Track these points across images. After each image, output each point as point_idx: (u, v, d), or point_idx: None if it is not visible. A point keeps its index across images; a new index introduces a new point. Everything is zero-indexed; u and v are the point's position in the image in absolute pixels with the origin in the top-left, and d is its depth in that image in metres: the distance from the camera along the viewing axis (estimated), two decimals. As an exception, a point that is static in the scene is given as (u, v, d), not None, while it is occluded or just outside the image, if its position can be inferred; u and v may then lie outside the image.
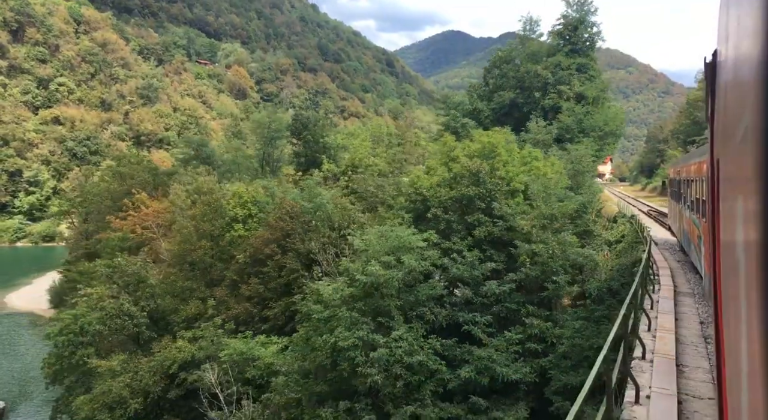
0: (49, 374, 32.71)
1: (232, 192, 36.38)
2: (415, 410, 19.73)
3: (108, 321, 31.06)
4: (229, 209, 33.94)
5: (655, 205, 45.90)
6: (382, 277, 19.58)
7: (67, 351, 31.39)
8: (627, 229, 25.58)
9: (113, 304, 31.12)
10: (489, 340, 20.44)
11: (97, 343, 31.74)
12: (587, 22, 38.87)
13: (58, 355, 31.63)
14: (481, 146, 24.88)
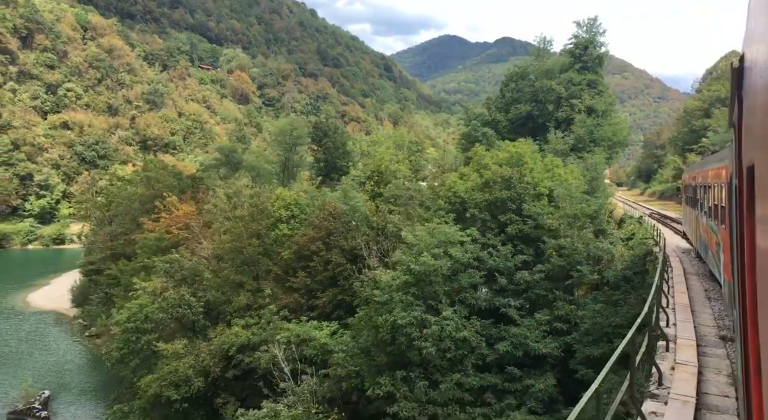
0: (116, 357, 36.11)
1: (275, 195, 39.99)
2: (459, 378, 23.37)
3: (170, 310, 34.55)
4: (273, 210, 37.48)
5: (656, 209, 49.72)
6: (433, 267, 23.20)
7: (134, 336, 34.85)
8: (636, 228, 29.38)
9: (174, 295, 34.60)
10: (521, 320, 24.10)
11: (159, 330, 35.17)
12: (596, 42, 42.88)
13: (126, 339, 35.02)
14: (508, 155, 28.62)
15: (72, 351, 69.14)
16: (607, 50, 44.06)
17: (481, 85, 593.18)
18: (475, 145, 37.40)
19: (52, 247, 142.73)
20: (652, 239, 26.52)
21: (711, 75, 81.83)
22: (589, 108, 39.56)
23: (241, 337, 32.64)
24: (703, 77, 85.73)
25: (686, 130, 67.42)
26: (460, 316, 23.53)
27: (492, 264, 25.25)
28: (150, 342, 34.74)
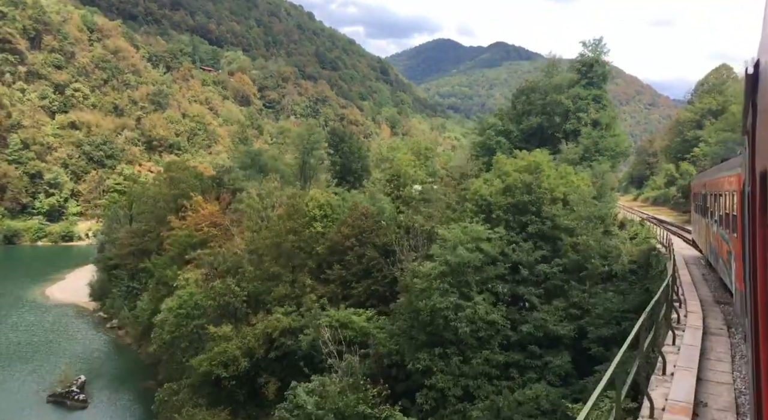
0: (166, 340, 39.89)
1: (309, 196, 43.91)
2: (488, 355, 27.43)
3: (217, 298, 38.40)
4: (308, 210, 41.38)
5: (651, 213, 54.02)
6: (466, 259, 27.17)
7: (185, 321, 38.68)
8: (639, 229, 33.65)
9: (221, 285, 38.47)
10: (541, 306, 28.15)
11: (207, 316, 38.99)
12: (600, 61, 47.29)
13: (177, 323, 38.83)
14: (527, 163, 32.72)
15: (96, 341, 72.88)
16: (609, 68, 48.69)
17: (475, 90, 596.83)
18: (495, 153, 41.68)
19: (61, 244, 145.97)
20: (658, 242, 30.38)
21: (702, 86, 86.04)
22: (594, 121, 43.77)
23: (283, 322, 36.54)
24: (694, 89, 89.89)
25: (679, 139, 71.70)
26: (488, 302, 27.58)
27: (515, 258, 29.30)
28: (199, 326, 38.59)
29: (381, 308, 33.96)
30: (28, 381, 59.13)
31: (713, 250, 18.35)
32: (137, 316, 70.58)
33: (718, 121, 57.30)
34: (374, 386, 28.00)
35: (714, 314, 15.04)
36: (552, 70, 47.99)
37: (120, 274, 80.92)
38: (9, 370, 61.31)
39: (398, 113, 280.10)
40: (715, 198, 17.12)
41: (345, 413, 27.01)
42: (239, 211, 53.27)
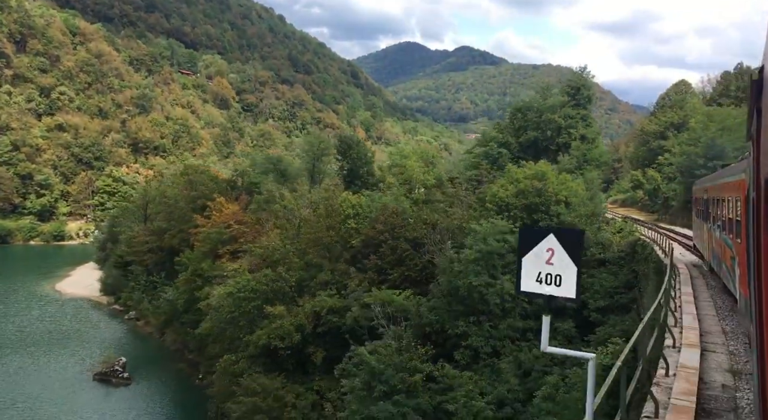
0: (225, 319, 46.96)
1: (342, 197, 51.43)
2: (511, 323, 35.47)
3: (270, 283, 45.69)
4: (343, 209, 48.88)
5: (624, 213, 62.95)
6: (495, 248, 35.10)
7: (243, 303, 45.85)
8: (622, 224, 42.17)
9: (273, 273, 45.80)
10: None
11: (260, 299, 46.21)
12: (586, 85, 56.01)
13: (237, 305, 45.96)
14: (534, 172, 40.81)
15: (119, 330, 79.25)
16: (594, 91, 57.56)
17: (442, 93, 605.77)
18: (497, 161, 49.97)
19: (53, 243, 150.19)
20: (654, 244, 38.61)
21: (664, 100, 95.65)
22: (582, 136, 52.19)
23: (329, 303, 44.04)
24: (656, 102, 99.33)
25: (644, 148, 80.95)
26: (510, 281, 35.57)
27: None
28: (255, 307, 45.85)
29: (414, 290, 41.63)
30: (70, 363, 65.62)
31: (716, 255, 18.41)
32: (158, 307, 77.22)
33: (681, 134, 66.42)
34: (421, 347, 35.77)
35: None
36: (546, 92, 56.40)
37: (136, 269, 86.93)
38: (50, 354, 67.58)
39: (372, 117, 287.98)
40: (717, 203, 17.09)
41: (400, 367, 34.70)
42: (269, 210, 60.37)
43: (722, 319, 16.31)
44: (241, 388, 43.48)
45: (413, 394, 34.28)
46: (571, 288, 6.59)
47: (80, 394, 56.70)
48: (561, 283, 6.42)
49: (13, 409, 52.03)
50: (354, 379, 35.42)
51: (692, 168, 52.22)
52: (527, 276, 6.62)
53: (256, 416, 42.14)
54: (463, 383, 33.68)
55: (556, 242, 6.42)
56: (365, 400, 34.39)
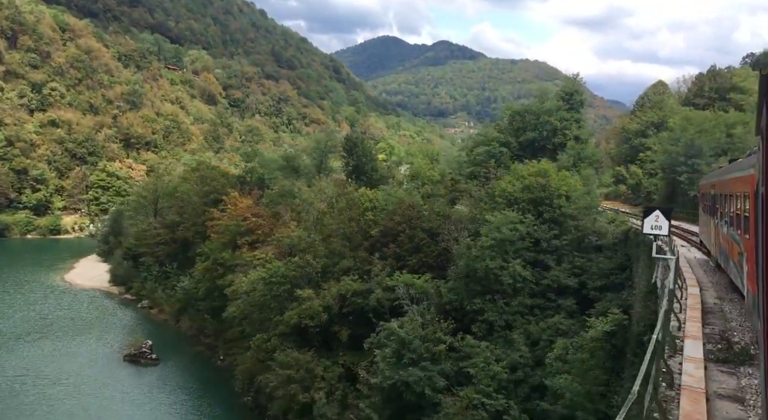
0: (259, 301, 51.96)
1: (360, 192, 56.67)
2: (521, 300, 41.10)
3: (298, 269, 50.87)
4: (362, 203, 54.08)
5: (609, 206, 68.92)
6: (507, 236, 40.64)
7: (275, 287, 50.92)
8: (614, 215, 48.07)
9: (301, 259, 50.97)
10: (555, 268, 42.00)
11: (291, 283, 51.31)
12: (579, 91, 61.99)
13: (269, 289, 51.00)
14: (537, 169, 46.40)
15: (134, 318, 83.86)
16: (585, 97, 63.54)
17: (421, 88, 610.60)
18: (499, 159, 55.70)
19: (49, 236, 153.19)
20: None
21: (643, 99, 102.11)
22: (576, 136, 58.05)
23: (353, 286, 49.34)
24: (636, 102, 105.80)
25: (627, 145, 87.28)
26: (520, 265, 41.20)
27: (536, 235, 42.93)
28: (286, 291, 50.98)
29: (432, 274, 47.06)
30: (98, 346, 70.46)
31: (723, 251, 18.39)
32: (172, 296, 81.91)
33: (661, 133, 72.69)
34: (443, 322, 41.28)
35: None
36: (543, 97, 62.17)
37: (147, 261, 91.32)
38: (77, 339, 72.24)
39: (357, 112, 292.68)
40: (725, 199, 17.07)
41: (426, 338, 40.19)
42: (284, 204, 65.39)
43: (706, 272, 22.37)
44: (276, 362, 48.68)
45: (437, 361, 39.86)
46: (665, 231, 14.30)
47: (115, 373, 61.62)
48: (660, 230, 12.41)
49: (59, 385, 56.95)
50: (385, 349, 40.82)
51: (674, 165, 58.62)
52: (647, 227, 13.08)
53: (291, 385, 47.48)
54: (480, 352, 39.26)
55: (659, 213, 12.91)
56: (395, 367, 39.81)
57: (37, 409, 52.03)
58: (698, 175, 54.50)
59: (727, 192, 16.38)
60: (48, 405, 53.09)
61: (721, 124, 60.45)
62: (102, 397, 55.84)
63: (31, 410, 51.55)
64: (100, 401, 54.91)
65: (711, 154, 57.01)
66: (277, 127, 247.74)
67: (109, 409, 53.40)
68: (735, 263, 15.18)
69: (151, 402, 55.73)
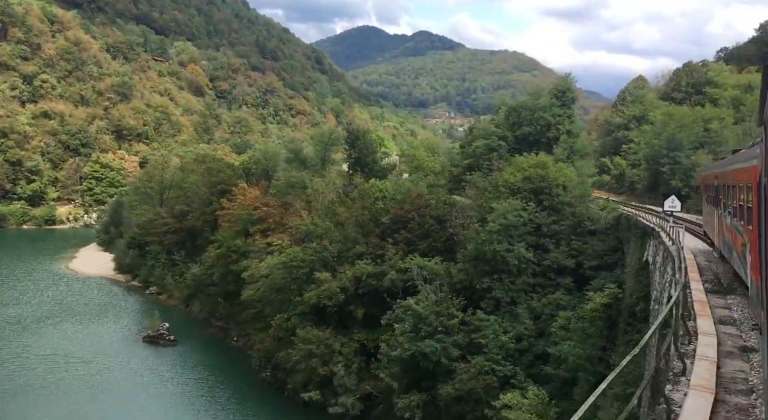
0: (279, 284, 56.35)
1: (370, 183, 61.21)
2: (525, 279, 46.09)
3: (315, 254, 55.35)
4: (373, 193, 58.61)
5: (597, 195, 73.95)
6: (512, 221, 45.50)
7: (295, 270, 55.33)
8: (605, 203, 53.23)
9: (318, 245, 55.45)
10: (554, 250, 47.00)
11: (309, 266, 55.75)
12: (570, 88, 67.01)
13: (289, 272, 55.41)
14: (536, 162, 51.24)
15: (145, 303, 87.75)
16: (576, 94, 68.84)
17: (402, 78, 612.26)
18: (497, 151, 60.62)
19: (44, 227, 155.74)
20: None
21: (624, 94, 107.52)
22: (568, 131, 62.96)
23: (368, 269, 53.94)
24: (618, 96, 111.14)
25: (610, 138, 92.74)
26: (524, 247, 46.11)
27: (537, 221, 47.86)
28: (305, 273, 55.45)
29: (441, 257, 51.80)
30: (116, 329, 74.66)
31: (726, 242, 18.55)
32: (181, 282, 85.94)
33: (643, 126, 78.13)
34: (455, 299, 46.11)
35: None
36: (537, 95, 67.12)
37: (154, 249, 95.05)
38: (94, 322, 76.27)
39: (342, 104, 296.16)
40: (728, 190, 17.21)
41: (440, 313, 44.97)
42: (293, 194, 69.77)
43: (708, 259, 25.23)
44: (298, 338, 53.21)
45: (450, 333, 44.71)
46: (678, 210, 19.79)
47: (138, 352, 65.97)
48: (674, 209, 17.37)
49: (88, 363, 61.11)
50: (404, 324, 45.55)
51: (656, 157, 63.97)
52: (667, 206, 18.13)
53: (312, 359, 52.12)
54: (489, 325, 44.19)
55: (675, 197, 17.99)
56: (413, 340, 44.55)
57: (73, 384, 56.23)
58: (679, 166, 59.92)
59: (730, 183, 16.57)
60: (82, 381, 57.30)
61: (699, 119, 65.95)
62: (130, 373, 60.25)
63: (68, 385, 55.76)
64: (130, 376, 59.33)
65: (690, 148, 62.43)
66: (264, 119, 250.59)
67: (139, 383, 57.80)
68: (738, 254, 15.19)
69: (176, 377, 60.17)
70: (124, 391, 55.38)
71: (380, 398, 50.44)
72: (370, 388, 51.60)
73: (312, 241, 57.63)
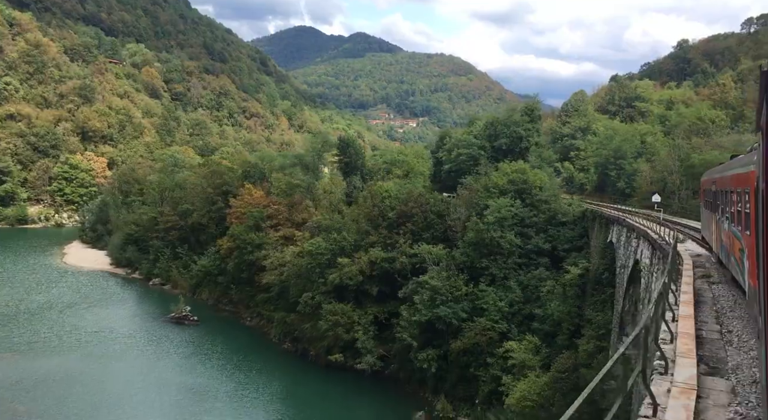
0: (307, 268, 67.98)
1: (377, 185, 73.60)
2: (515, 260, 59.75)
3: (336, 243, 67.39)
4: (380, 192, 71.04)
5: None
6: (504, 215, 58.93)
7: (318, 256, 67.09)
8: (571, 200, 67.52)
9: (338, 236, 67.50)
10: (535, 236, 60.78)
11: (330, 253, 67.62)
12: (538, 107, 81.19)
13: (314, 259, 67.14)
14: (516, 168, 64.85)
15: (153, 292, 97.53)
16: (541, 111, 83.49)
17: (341, 80, 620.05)
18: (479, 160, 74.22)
19: (17, 226, 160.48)
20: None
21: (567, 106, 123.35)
22: (536, 142, 76.95)
23: (381, 255, 66.35)
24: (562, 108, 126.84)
25: (559, 145, 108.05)
26: (513, 235, 59.63)
27: (521, 215, 61.55)
28: (327, 259, 67.33)
29: (443, 245, 64.71)
30: (140, 312, 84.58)
31: (724, 247, 18.32)
32: (183, 273, 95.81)
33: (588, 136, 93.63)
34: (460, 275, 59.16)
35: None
36: (512, 111, 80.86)
37: (155, 244, 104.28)
38: (115, 308, 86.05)
39: (293, 106, 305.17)
40: (726, 195, 16.97)
41: (450, 286, 57.96)
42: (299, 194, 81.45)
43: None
44: (324, 311, 65.17)
45: (458, 301, 57.77)
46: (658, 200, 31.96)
47: (169, 329, 76.73)
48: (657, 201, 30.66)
49: (128, 338, 71.66)
50: (422, 295, 58.30)
51: (604, 164, 79.24)
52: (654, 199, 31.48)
53: (337, 328, 64.16)
54: (488, 294, 57.53)
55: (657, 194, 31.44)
56: (430, 307, 57.40)
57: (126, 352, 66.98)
58: (623, 171, 75.02)
59: (728, 188, 16.48)
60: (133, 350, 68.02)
61: (637, 134, 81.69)
62: (171, 344, 71.30)
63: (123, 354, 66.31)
64: (171, 347, 70.38)
65: (631, 156, 77.75)
66: (220, 121, 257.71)
67: (179, 353, 68.74)
68: (736, 259, 15.11)
69: (208, 349, 71.35)
70: (168, 358, 66.55)
71: (393, 358, 63.15)
72: (383, 351, 64.26)
73: (330, 233, 69.58)
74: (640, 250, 38.67)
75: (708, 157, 55.41)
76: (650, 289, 33.58)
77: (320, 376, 64.92)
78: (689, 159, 60.68)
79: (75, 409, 51.10)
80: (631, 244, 42.06)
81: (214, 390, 58.78)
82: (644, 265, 36.39)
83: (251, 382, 62.05)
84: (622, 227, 45.81)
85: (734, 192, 14.83)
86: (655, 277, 32.23)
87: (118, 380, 59.62)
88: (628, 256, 42.93)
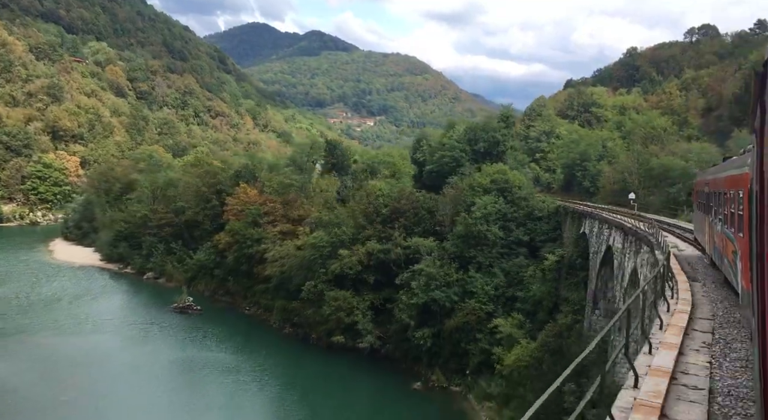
0: (309, 259, 75.34)
1: (371, 184, 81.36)
2: (499, 249, 68.56)
3: (336, 236, 74.99)
4: (374, 191, 78.82)
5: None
6: (490, 210, 67.55)
7: (320, 249, 74.51)
8: (545, 198, 76.78)
9: (339, 230, 75.11)
10: (515, 230, 69.61)
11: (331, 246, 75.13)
12: (512, 115, 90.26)
13: (317, 251, 74.56)
14: (498, 169, 73.59)
15: (149, 286, 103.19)
16: (515, 118, 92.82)
17: (298, 78, 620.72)
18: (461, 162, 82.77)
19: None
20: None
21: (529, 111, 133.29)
22: (512, 146, 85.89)
23: (377, 247, 74.24)
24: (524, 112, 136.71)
25: (526, 147, 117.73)
26: (497, 228, 68.36)
27: (503, 211, 70.33)
28: (328, 251, 74.79)
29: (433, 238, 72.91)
30: (143, 303, 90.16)
31: (717, 249, 18.30)
32: (178, 267, 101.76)
33: (554, 139, 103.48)
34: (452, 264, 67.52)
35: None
36: (490, 119, 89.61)
37: (147, 240, 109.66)
38: (122, 299, 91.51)
39: (257, 105, 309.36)
40: (719, 197, 17.07)
41: (443, 273, 66.29)
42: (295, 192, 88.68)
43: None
44: (328, 297, 72.71)
45: (451, 286, 66.17)
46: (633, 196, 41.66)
47: (175, 318, 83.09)
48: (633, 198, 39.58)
49: (139, 325, 77.81)
50: (418, 280, 66.46)
51: (571, 166, 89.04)
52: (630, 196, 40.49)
53: (339, 312, 71.85)
54: (476, 280, 66.12)
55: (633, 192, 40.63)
56: (426, 291, 65.67)
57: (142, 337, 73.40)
58: (588, 172, 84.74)
59: (722, 190, 16.41)
60: (148, 335, 74.44)
61: (599, 139, 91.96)
62: (179, 331, 77.83)
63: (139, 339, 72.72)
64: (180, 333, 76.95)
65: (595, 159, 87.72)
66: (187, 120, 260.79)
67: (187, 338, 75.43)
68: (729, 261, 15.05)
69: (213, 334, 78.10)
70: (179, 343, 73.08)
71: (389, 339, 71.16)
72: (380, 333, 72.25)
73: (329, 227, 77.13)
74: (612, 238, 47.66)
75: (664, 161, 65.51)
76: (623, 267, 42.54)
77: (321, 357, 72.49)
78: (648, 163, 70.58)
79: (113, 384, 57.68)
80: (603, 234, 51.18)
81: (230, 367, 66.07)
82: (617, 249, 45.29)
83: (257, 362, 69.40)
84: (594, 220, 55.03)
85: (728, 194, 14.96)
86: (627, 257, 41.13)
87: (145, 359, 66.23)
88: (600, 244, 52.03)
